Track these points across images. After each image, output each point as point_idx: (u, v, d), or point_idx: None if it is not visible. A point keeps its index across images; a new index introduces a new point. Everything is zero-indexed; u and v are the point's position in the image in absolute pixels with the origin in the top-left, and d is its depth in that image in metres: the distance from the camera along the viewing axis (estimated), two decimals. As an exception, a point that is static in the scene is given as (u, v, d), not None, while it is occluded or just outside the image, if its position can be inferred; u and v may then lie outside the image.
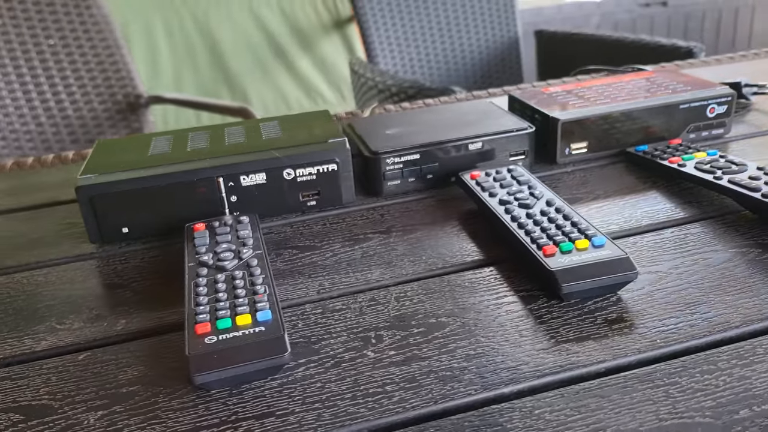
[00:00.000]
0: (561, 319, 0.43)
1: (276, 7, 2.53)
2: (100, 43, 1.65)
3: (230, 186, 0.57)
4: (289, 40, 2.56)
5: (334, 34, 2.57)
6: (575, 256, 0.45)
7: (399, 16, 1.92)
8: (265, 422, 0.36)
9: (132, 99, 1.71)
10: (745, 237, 0.51)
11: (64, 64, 1.63)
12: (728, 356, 0.39)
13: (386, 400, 0.37)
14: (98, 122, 1.69)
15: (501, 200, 0.54)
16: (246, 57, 2.52)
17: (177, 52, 2.45)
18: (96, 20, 1.66)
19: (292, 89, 2.60)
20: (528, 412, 0.36)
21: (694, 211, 0.55)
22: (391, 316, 0.45)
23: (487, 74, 2.06)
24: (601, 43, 1.82)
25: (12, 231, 0.62)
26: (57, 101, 1.64)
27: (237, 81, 2.53)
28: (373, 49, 1.90)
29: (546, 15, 2.81)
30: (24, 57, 1.59)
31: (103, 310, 0.48)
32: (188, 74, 2.49)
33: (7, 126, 1.60)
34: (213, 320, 0.41)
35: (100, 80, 1.67)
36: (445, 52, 1.98)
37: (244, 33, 2.50)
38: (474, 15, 1.99)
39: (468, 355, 0.40)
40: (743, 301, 0.43)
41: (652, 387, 0.37)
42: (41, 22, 1.60)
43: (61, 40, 1.62)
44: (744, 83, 0.78)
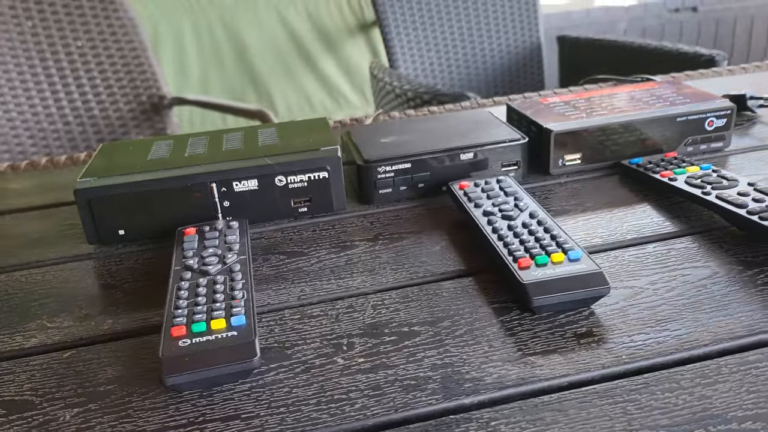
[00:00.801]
0: (531, 331, 0.43)
1: (302, 9, 2.56)
2: (127, 45, 1.69)
3: (223, 191, 0.58)
4: (314, 42, 2.59)
5: (359, 37, 2.58)
6: (549, 269, 0.45)
7: (420, 21, 1.92)
8: (230, 425, 0.38)
9: (156, 100, 1.75)
10: (728, 254, 0.50)
11: (91, 65, 1.68)
12: (692, 375, 0.39)
13: (348, 407, 0.38)
14: (123, 122, 1.73)
15: (485, 211, 0.54)
16: (271, 58, 2.55)
17: (204, 53, 2.49)
18: (123, 23, 1.70)
19: (316, 91, 2.62)
20: (484, 424, 0.36)
21: (681, 226, 0.55)
22: (366, 323, 0.46)
23: (508, 80, 2.05)
24: (623, 49, 1.81)
25: (18, 230, 0.65)
26: (84, 101, 1.68)
27: (262, 82, 2.57)
28: (394, 53, 1.91)
29: (573, 19, 2.79)
30: (53, 58, 1.64)
31: (92, 309, 0.50)
32: (215, 75, 2.53)
33: (36, 125, 1.65)
34: (189, 324, 0.42)
35: (126, 81, 1.71)
36: (466, 57, 1.98)
37: (270, 35, 2.53)
38: (496, 20, 1.99)
39: (435, 364, 0.41)
40: (716, 319, 0.43)
41: (610, 403, 0.37)
42: (70, 24, 1.64)
43: (88, 42, 1.66)
44: (749, 95, 0.77)
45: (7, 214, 0.69)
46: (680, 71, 1.01)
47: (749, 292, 0.46)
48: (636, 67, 1.70)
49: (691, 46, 1.68)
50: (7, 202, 0.72)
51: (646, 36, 2.82)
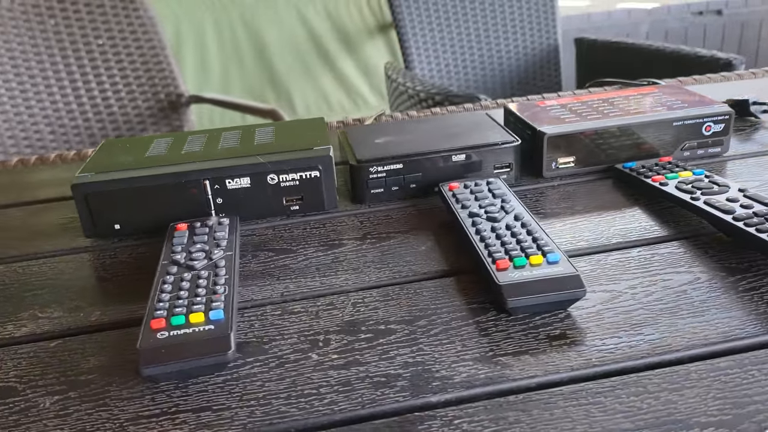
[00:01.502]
0: (505, 332, 0.44)
1: (321, 8, 2.58)
2: (146, 44, 1.72)
3: (216, 189, 0.59)
4: (333, 42, 2.60)
5: (378, 38, 2.59)
6: (526, 271, 0.46)
7: (437, 22, 1.93)
8: (201, 415, 0.39)
9: (174, 98, 1.77)
10: (713, 260, 0.50)
11: (111, 63, 1.71)
12: (660, 380, 0.39)
13: (317, 402, 0.39)
14: (141, 119, 1.76)
15: (471, 212, 0.55)
16: (290, 57, 2.57)
17: (225, 51, 2.53)
18: (143, 22, 1.72)
19: (334, 90, 2.64)
20: (447, 422, 0.37)
21: (668, 231, 0.55)
22: (344, 321, 0.46)
23: (524, 81, 2.04)
24: (640, 52, 1.79)
25: (21, 222, 0.67)
26: (104, 98, 1.71)
27: (281, 81, 2.59)
28: (410, 54, 1.92)
29: (594, 21, 2.77)
30: (74, 56, 1.67)
31: (82, 301, 0.51)
32: (235, 73, 2.56)
33: (57, 120, 1.68)
34: (169, 317, 0.43)
35: (145, 79, 1.74)
36: (482, 58, 1.97)
37: (290, 34, 2.56)
38: (513, 22, 1.98)
39: (407, 362, 0.42)
40: (692, 325, 0.43)
41: (575, 405, 0.37)
42: (92, 22, 1.68)
43: (109, 40, 1.69)
44: (752, 101, 0.76)
45: (13, 207, 0.71)
46: (696, 74, 1.00)
47: (729, 298, 0.45)
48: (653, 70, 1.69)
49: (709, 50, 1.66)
50: (14, 195, 0.74)
51: (669, 39, 2.79)
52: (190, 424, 0.38)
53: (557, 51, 2.06)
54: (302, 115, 2.65)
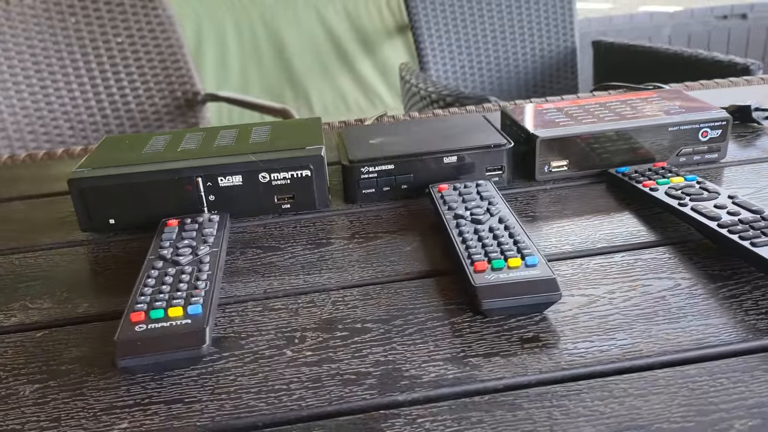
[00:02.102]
0: (478, 334, 0.44)
1: (341, 8, 2.59)
2: (164, 42, 1.75)
3: (209, 186, 0.60)
4: (352, 42, 2.61)
5: (396, 39, 2.60)
6: (503, 273, 0.46)
7: (453, 23, 1.93)
8: (172, 407, 0.39)
9: (190, 96, 1.80)
10: (696, 266, 0.50)
11: (129, 60, 1.73)
12: (627, 385, 0.39)
13: (286, 397, 0.40)
14: (158, 116, 1.78)
15: (456, 214, 0.55)
16: (309, 57, 2.59)
17: (245, 51, 2.55)
18: (161, 20, 1.75)
19: (351, 90, 2.65)
20: (411, 420, 0.37)
21: (655, 237, 0.55)
22: (322, 318, 0.47)
23: (541, 84, 2.03)
24: (658, 56, 1.77)
25: (24, 215, 0.68)
26: (122, 95, 1.74)
27: (299, 80, 2.61)
28: (425, 55, 1.92)
29: (616, 24, 2.74)
30: (94, 53, 1.70)
31: (72, 293, 0.53)
32: (254, 72, 2.58)
33: (75, 117, 1.71)
34: (148, 310, 0.44)
35: (162, 77, 1.76)
36: (498, 60, 1.97)
37: (309, 34, 2.57)
38: (530, 24, 1.98)
39: (378, 361, 0.42)
40: (666, 331, 0.43)
41: (538, 407, 0.37)
42: (111, 21, 1.70)
43: (128, 39, 1.72)
44: (754, 107, 0.75)
45: (18, 200, 0.73)
46: (712, 79, 0.99)
47: (708, 305, 0.45)
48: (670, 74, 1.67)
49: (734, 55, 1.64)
50: (19, 189, 0.76)
51: (692, 43, 2.76)
52: (160, 416, 0.39)
53: (574, 53, 2.04)
54: (319, 114, 2.66)
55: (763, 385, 0.38)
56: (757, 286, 0.47)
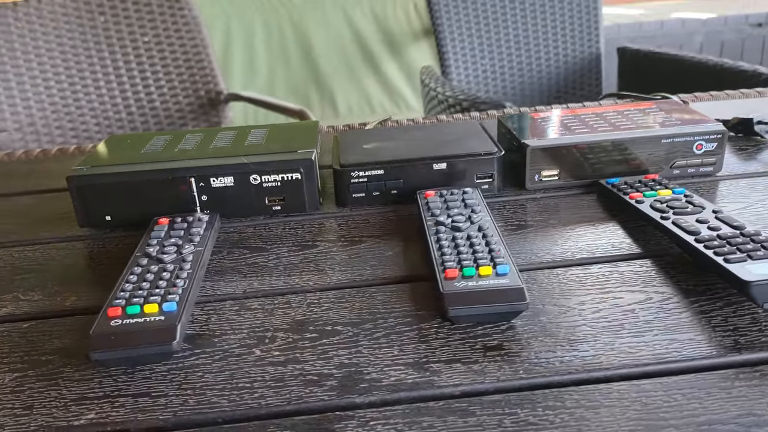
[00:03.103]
0: (443, 340, 0.45)
1: (368, 10, 2.61)
2: (189, 42, 1.78)
3: (201, 186, 0.62)
4: (378, 44, 2.63)
5: (423, 41, 2.60)
6: (473, 281, 0.47)
7: (476, 28, 1.92)
8: (139, 401, 0.41)
9: (213, 95, 1.83)
10: (672, 281, 0.50)
11: (155, 59, 1.77)
12: (580, 396, 0.39)
13: (248, 395, 0.41)
14: (182, 114, 1.82)
15: (437, 221, 0.56)
16: (336, 58, 2.61)
17: (272, 51, 2.58)
18: (187, 21, 1.78)
19: (376, 92, 2.66)
20: (363, 423, 0.38)
21: (635, 250, 0.55)
22: (295, 320, 0.48)
23: (563, 90, 2.02)
24: (683, 64, 1.75)
25: (28, 209, 0.71)
26: (147, 93, 1.78)
27: (325, 81, 2.63)
28: (447, 59, 1.93)
29: (646, 30, 2.71)
30: (121, 51, 1.75)
31: (62, 286, 0.55)
32: (281, 72, 2.61)
33: (102, 113, 1.76)
34: (126, 306, 0.46)
35: (186, 76, 1.80)
36: (521, 66, 1.96)
37: (336, 36, 2.59)
38: (555, 30, 1.96)
39: (342, 363, 0.43)
40: (629, 345, 0.43)
41: (490, 414, 0.38)
42: (139, 20, 1.74)
43: (154, 38, 1.76)
44: (757, 120, 0.74)
45: (25, 195, 0.76)
46: (736, 88, 0.97)
47: (675, 320, 0.45)
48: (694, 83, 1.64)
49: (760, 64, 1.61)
50: (30, 184, 0.79)
51: (725, 51, 2.71)
52: (126, 408, 0.40)
53: (599, 60, 2.03)
54: (344, 115, 2.68)
55: (716, 403, 0.38)
56: (729, 303, 0.46)
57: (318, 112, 2.67)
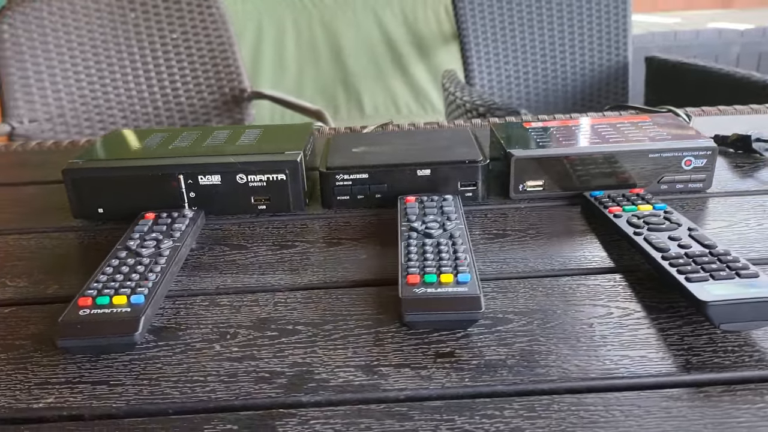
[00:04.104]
0: (398, 344, 0.46)
1: (398, 12, 2.62)
2: (216, 40, 1.81)
3: (190, 183, 0.64)
4: (408, 46, 2.64)
5: (452, 45, 2.60)
6: (431, 288, 0.47)
7: (501, 33, 1.92)
8: (97, 388, 0.43)
9: (237, 93, 1.86)
10: (636, 297, 0.50)
11: (182, 56, 1.81)
12: (520, 406, 0.39)
13: (200, 389, 0.42)
14: (206, 111, 1.85)
15: (411, 227, 0.56)
16: (364, 59, 2.63)
17: (302, 50, 2.61)
18: (214, 18, 1.82)
19: (403, 93, 2.67)
20: (304, 421, 0.39)
21: (606, 264, 0.55)
22: (259, 318, 0.49)
23: (588, 99, 2.00)
24: (710, 75, 1.72)
25: (32, 199, 0.74)
26: (173, 88, 1.82)
27: (352, 82, 2.65)
28: (471, 63, 1.92)
29: (682, 39, 2.66)
30: (150, 47, 1.79)
31: (47, 275, 0.57)
32: (310, 71, 2.64)
33: (129, 107, 1.80)
34: (97, 296, 0.48)
35: (212, 73, 1.83)
36: (546, 73, 1.95)
37: (366, 36, 2.61)
38: (582, 37, 1.95)
39: (296, 362, 0.44)
40: (581, 359, 0.43)
41: (427, 420, 0.39)
42: (168, 17, 1.78)
43: (182, 35, 1.80)
44: (755, 137, 0.73)
45: (32, 185, 0.79)
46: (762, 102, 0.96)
47: (631, 336, 0.45)
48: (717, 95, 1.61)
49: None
50: (38, 174, 0.82)
51: (762, 64, 2.64)
52: (84, 394, 0.42)
53: (626, 68, 2.00)
54: (370, 115, 2.70)
55: (654, 422, 0.38)
56: (689, 322, 0.46)
57: (344, 112, 2.69)
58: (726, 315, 0.43)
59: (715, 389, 0.40)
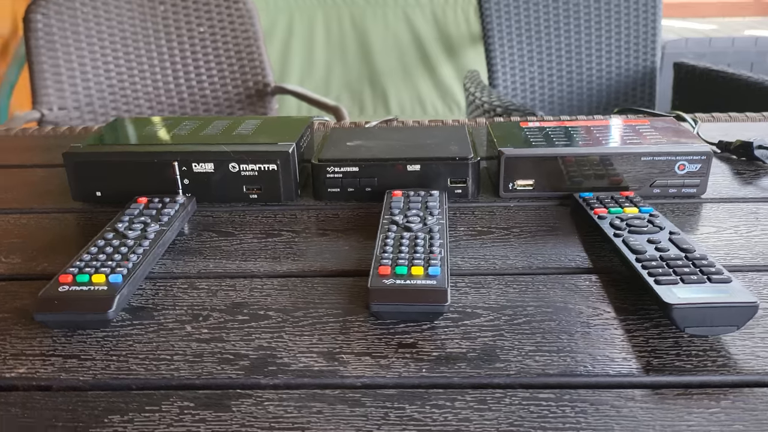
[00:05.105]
0: (363, 334, 0.46)
1: (429, 12, 2.62)
2: (242, 35, 1.84)
3: (184, 170, 0.65)
4: (436, 46, 2.63)
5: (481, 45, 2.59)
6: (400, 279, 0.48)
7: (527, 35, 1.91)
8: (68, 361, 0.44)
9: (261, 87, 1.88)
10: (609, 298, 0.49)
11: (208, 49, 1.84)
12: (472, 398, 0.40)
13: (164, 367, 0.43)
14: (230, 104, 1.88)
15: (393, 220, 0.57)
16: (392, 58, 2.64)
17: (331, 46, 2.63)
18: (241, 13, 1.84)
19: (429, 93, 2.67)
20: (258, 402, 0.40)
21: (586, 264, 0.54)
22: (233, 302, 0.51)
23: (614, 103, 1.98)
24: (738, 83, 1.68)
25: (39, 180, 0.76)
26: (198, 81, 1.85)
27: (379, 80, 2.66)
28: (495, 64, 1.92)
29: (716, 46, 2.60)
30: (177, 40, 1.82)
31: (40, 253, 0.59)
32: (338, 68, 2.66)
33: (156, 98, 1.84)
34: (77, 274, 0.49)
35: (237, 67, 1.86)
36: (570, 76, 1.93)
37: (395, 35, 2.62)
38: (609, 42, 1.92)
39: (261, 346, 0.45)
40: (539, 354, 0.43)
41: (378, 407, 0.39)
42: (196, 11, 1.82)
43: (209, 29, 1.83)
44: (757, 144, 0.72)
45: (40, 167, 0.81)
46: (746, 112, 0.94)
47: (596, 336, 0.45)
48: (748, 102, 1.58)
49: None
50: (48, 157, 0.85)
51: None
52: (54, 367, 0.44)
53: (654, 74, 1.97)
54: (395, 114, 2.70)
55: (601, 420, 0.38)
56: (656, 325, 0.46)
57: (370, 110, 2.70)
58: (691, 319, 0.43)
59: (671, 392, 0.40)
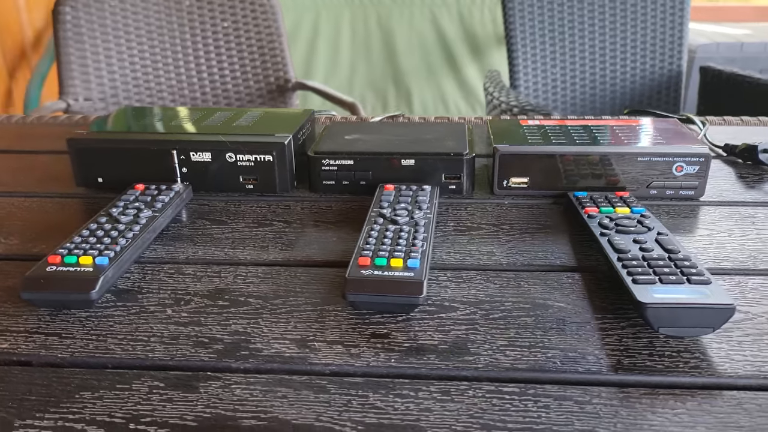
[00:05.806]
0: (338, 323, 0.47)
1: (455, 13, 2.61)
2: (264, 30, 1.86)
3: (182, 159, 0.66)
4: (461, 46, 2.63)
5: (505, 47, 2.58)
6: (378, 270, 0.48)
7: (550, 36, 1.89)
8: (49, 339, 0.45)
9: (282, 82, 1.90)
10: (589, 296, 0.49)
11: (231, 45, 1.86)
12: (436, 390, 0.40)
13: (141, 348, 0.44)
14: (251, 99, 1.90)
15: (381, 213, 0.57)
16: (417, 57, 2.64)
17: (356, 45, 2.64)
18: (265, 9, 1.86)
19: (453, 92, 2.66)
20: (226, 385, 0.41)
21: (571, 263, 0.54)
22: (216, 288, 0.51)
23: (638, 106, 1.95)
24: (765, 87, 1.65)
25: (45, 165, 0.78)
26: (220, 75, 1.87)
27: (403, 79, 2.66)
28: (516, 65, 1.90)
29: (747, 51, 2.55)
30: (201, 35, 1.85)
31: (39, 235, 0.61)
32: (362, 67, 2.67)
33: (179, 91, 1.87)
34: (66, 255, 0.51)
35: (258, 63, 1.88)
36: (593, 78, 1.91)
37: (420, 35, 2.62)
38: (634, 45, 1.90)
39: (237, 331, 0.46)
40: (510, 349, 0.43)
41: (342, 394, 0.40)
42: (220, 6, 1.84)
43: (233, 24, 1.85)
44: (762, 148, 0.70)
45: (48, 153, 0.83)
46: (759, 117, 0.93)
47: (569, 333, 0.45)
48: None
49: None
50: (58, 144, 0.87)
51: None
52: (36, 343, 0.45)
53: (680, 78, 1.94)
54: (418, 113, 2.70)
55: (562, 416, 0.37)
56: (633, 324, 0.45)
57: (393, 108, 2.70)
58: (665, 319, 0.42)
59: (637, 391, 0.39)
